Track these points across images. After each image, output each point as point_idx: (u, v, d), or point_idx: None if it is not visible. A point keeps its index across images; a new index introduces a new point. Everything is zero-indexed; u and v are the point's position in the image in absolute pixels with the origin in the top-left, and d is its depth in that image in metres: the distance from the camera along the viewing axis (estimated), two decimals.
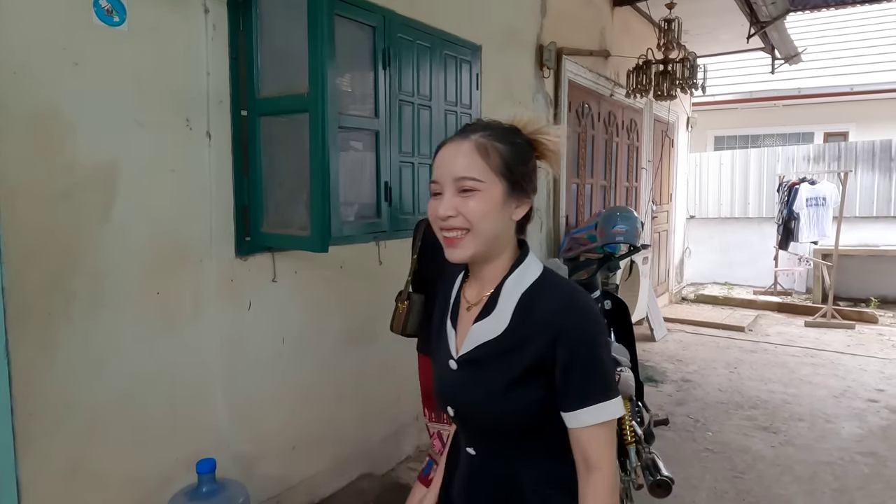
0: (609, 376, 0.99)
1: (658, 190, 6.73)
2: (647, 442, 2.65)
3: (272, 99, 2.12)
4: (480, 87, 3.53)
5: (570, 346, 0.95)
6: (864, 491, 2.86)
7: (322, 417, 2.63)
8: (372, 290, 2.86)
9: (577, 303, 0.99)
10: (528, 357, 0.98)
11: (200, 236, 2.09)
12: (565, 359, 0.96)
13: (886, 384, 4.44)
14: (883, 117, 8.97)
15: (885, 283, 7.42)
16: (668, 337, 5.88)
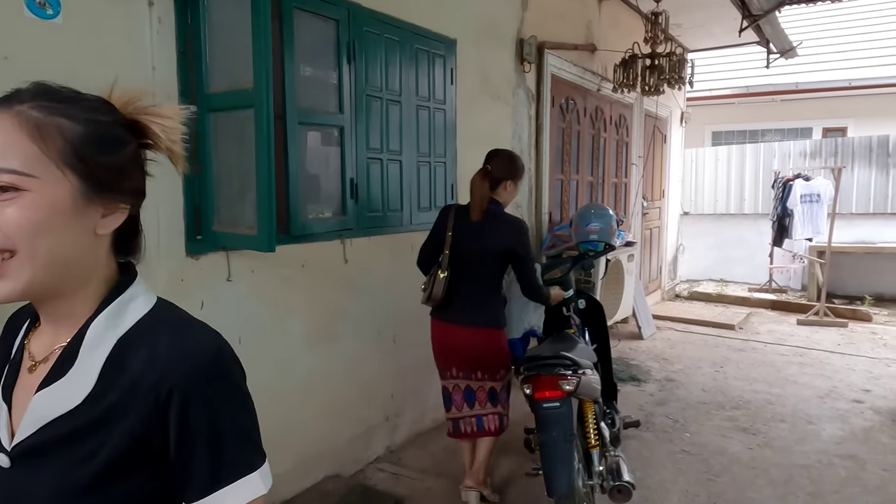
0: (252, 437, 0.73)
1: (649, 186, 6.65)
2: (614, 445, 2.61)
3: (221, 94, 2.07)
4: (455, 82, 3.47)
5: (185, 408, 0.67)
6: (840, 495, 2.80)
7: (283, 418, 2.59)
8: (337, 289, 2.82)
9: (196, 344, 0.71)
10: (124, 435, 0.66)
11: (148, 235, 2.02)
12: (181, 426, 0.67)
13: (873, 384, 4.37)
14: (882, 112, 8.85)
15: (881, 280, 7.34)
16: (657, 335, 5.82)
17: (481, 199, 2.49)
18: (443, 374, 2.68)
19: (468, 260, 2.51)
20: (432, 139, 3.33)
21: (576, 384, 2.17)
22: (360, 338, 2.97)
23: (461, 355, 2.56)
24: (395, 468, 3.05)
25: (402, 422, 3.30)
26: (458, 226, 2.52)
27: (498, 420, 2.62)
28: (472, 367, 2.57)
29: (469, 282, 2.51)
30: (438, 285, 2.43)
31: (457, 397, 2.63)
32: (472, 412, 2.61)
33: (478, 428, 2.61)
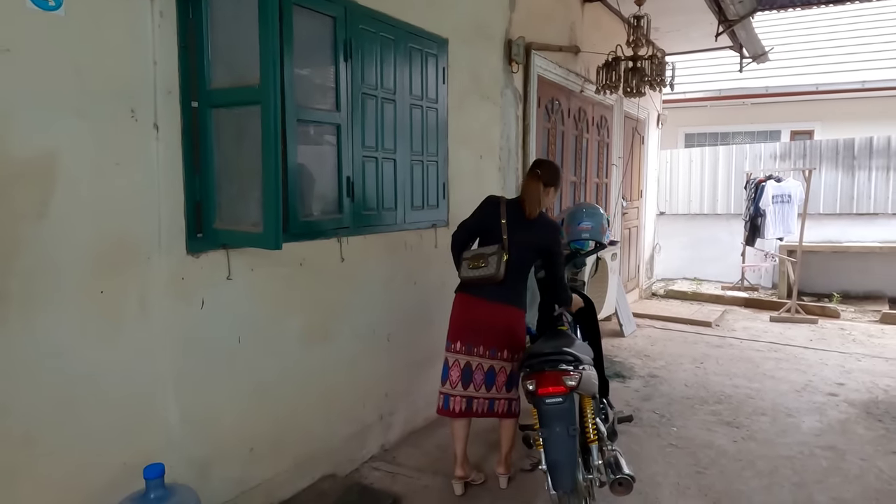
0: None
1: (628, 186, 6.77)
2: (611, 439, 2.65)
3: (224, 90, 2.04)
4: (447, 82, 3.49)
5: None
6: (823, 484, 2.90)
7: (281, 418, 2.57)
8: (333, 287, 2.81)
9: None
10: None
11: (148, 233, 2.00)
12: None
13: (846, 378, 4.53)
14: (847, 116, 9.17)
15: (847, 278, 7.60)
16: (638, 332, 5.93)
17: (538, 199, 2.75)
18: (451, 348, 2.75)
19: (514, 248, 2.69)
20: (425, 138, 3.33)
21: (578, 380, 2.20)
22: (355, 337, 2.96)
23: (493, 328, 2.69)
24: (391, 467, 3.04)
25: (396, 420, 3.30)
26: (511, 217, 2.73)
27: (508, 404, 2.75)
28: (500, 345, 2.70)
29: (512, 266, 2.68)
30: (502, 265, 2.62)
31: (454, 374, 2.72)
32: (488, 393, 2.72)
33: (489, 409, 2.73)
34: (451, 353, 2.75)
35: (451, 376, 2.73)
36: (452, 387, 2.73)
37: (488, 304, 2.68)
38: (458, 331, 2.74)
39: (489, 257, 2.63)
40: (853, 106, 9.09)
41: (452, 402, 2.73)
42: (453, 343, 2.75)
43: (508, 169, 4.25)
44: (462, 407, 2.72)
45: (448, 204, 3.56)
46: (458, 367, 2.72)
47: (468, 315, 2.72)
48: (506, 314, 2.71)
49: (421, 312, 3.41)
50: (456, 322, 2.76)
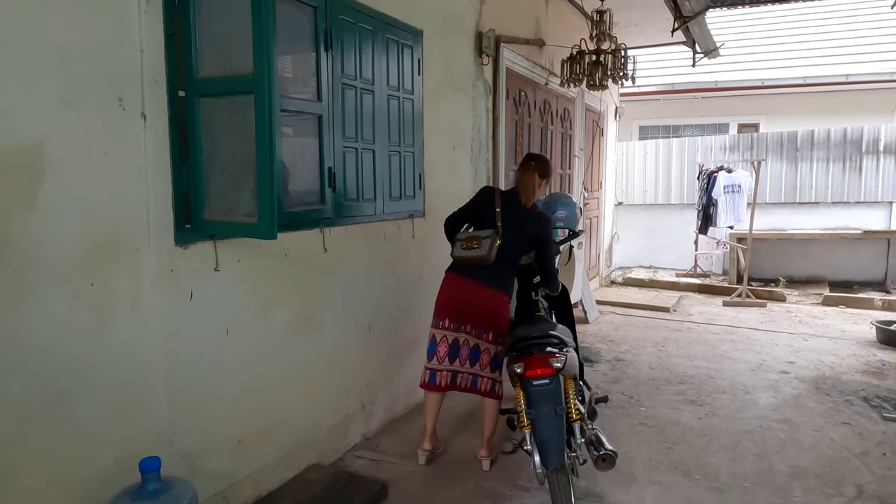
0: None
1: (589, 177, 6.95)
2: (591, 419, 2.77)
3: (212, 79, 2.02)
4: (422, 73, 3.52)
5: None
6: (781, 455, 3.10)
7: (268, 409, 2.57)
8: (317, 278, 2.81)
9: None
10: None
11: (137, 224, 1.97)
12: None
13: (796, 357, 4.82)
14: (789, 110, 9.66)
15: (792, 264, 8.04)
16: (601, 319, 6.12)
17: (533, 189, 2.88)
18: (439, 325, 2.85)
19: (507, 236, 2.79)
20: (402, 129, 3.36)
21: (564, 361, 2.29)
22: (338, 327, 2.97)
23: (480, 310, 2.79)
24: (374, 454, 3.08)
25: (377, 409, 3.33)
26: (505, 207, 2.82)
27: (491, 384, 2.85)
28: (486, 326, 2.80)
29: (503, 251, 2.76)
30: (494, 249, 2.71)
31: (441, 349, 2.83)
32: (471, 369, 2.83)
33: (472, 385, 2.85)
34: (438, 330, 2.86)
35: (439, 352, 2.85)
36: (440, 362, 2.85)
37: (478, 285, 2.78)
38: (447, 309, 2.84)
39: (483, 240, 2.72)
40: (796, 100, 9.58)
41: (439, 376, 2.85)
42: (441, 320, 2.85)
43: (479, 160, 4.32)
44: (447, 381, 2.85)
45: (424, 194, 3.60)
46: (445, 343, 2.84)
47: (458, 295, 2.81)
48: (493, 297, 2.79)
49: (400, 302, 3.45)
50: (445, 300, 2.85)
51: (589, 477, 2.80)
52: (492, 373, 2.85)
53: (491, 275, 2.78)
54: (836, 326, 5.86)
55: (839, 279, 7.84)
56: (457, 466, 2.96)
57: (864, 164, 7.97)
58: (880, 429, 3.42)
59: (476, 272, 2.77)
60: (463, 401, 3.64)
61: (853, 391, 4.01)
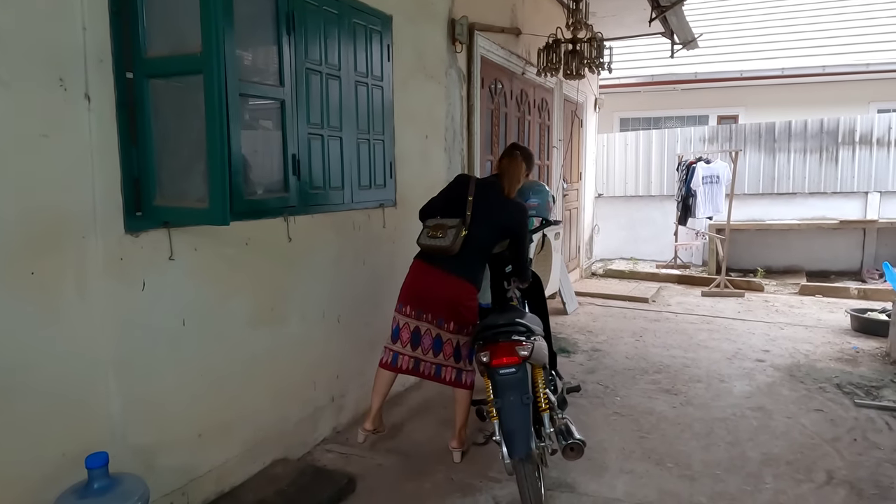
0: None
1: (568, 168, 6.93)
2: (561, 408, 2.73)
3: (161, 59, 1.94)
4: (392, 59, 3.45)
5: None
6: (754, 442, 3.10)
7: (230, 402, 2.50)
8: (281, 268, 2.74)
9: None
10: None
11: (82, 210, 1.89)
12: None
13: (771, 345, 4.84)
14: (768, 102, 9.71)
15: (770, 254, 8.09)
16: (580, 310, 6.11)
17: (518, 178, 2.85)
18: (402, 311, 2.81)
19: (478, 226, 2.74)
20: (371, 116, 3.29)
21: (531, 350, 2.25)
22: (305, 318, 2.90)
23: (441, 299, 2.73)
24: (344, 448, 3.02)
25: (347, 402, 3.27)
26: (479, 195, 2.76)
27: (456, 373, 2.80)
28: (447, 316, 2.74)
29: (471, 243, 2.72)
30: (458, 240, 2.66)
31: (404, 335, 2.80)
32: (434, 359, 2.79)
33: (436, 374, 2.81)
34: (401, 316, 2.82)
35: (402, 337, 2.81)
36: (403, 346, 2.81)
37: (441, 274, 2.73)
38: (410, 297, 2.80)
39: (448, 229, 2.67)
40: (774, 92, 9.64)
41: (401, 359, 2.82)
42: (404, 306, 2.81)
43: (454, 149, 4.26)
44: (410, 366, 2.82)
45: (395, 184, 3.54)
46: (407, 329, 2.80)
47: (421, 283, 2.77)
48: (456, 287, 2.73)
49: (371, 292, 3.38)
50: (408, 288, 2.81)
51: (561, 467, 2.77)
52: (456, 363, 2.80)
53: (457, 264, 2.72)
54: (813, 315, 5.90)
55: (816, 269, 7.91)
56: (428, 459, 2.91)
57: (841, 155, 8.04)
58: (852, 415, 3.43)
59: (441, 261, 2.72)
60: (435, 392, 3.60)
61: (827, 378, 4.03)
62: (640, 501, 2.54)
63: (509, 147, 3.03)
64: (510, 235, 2.87)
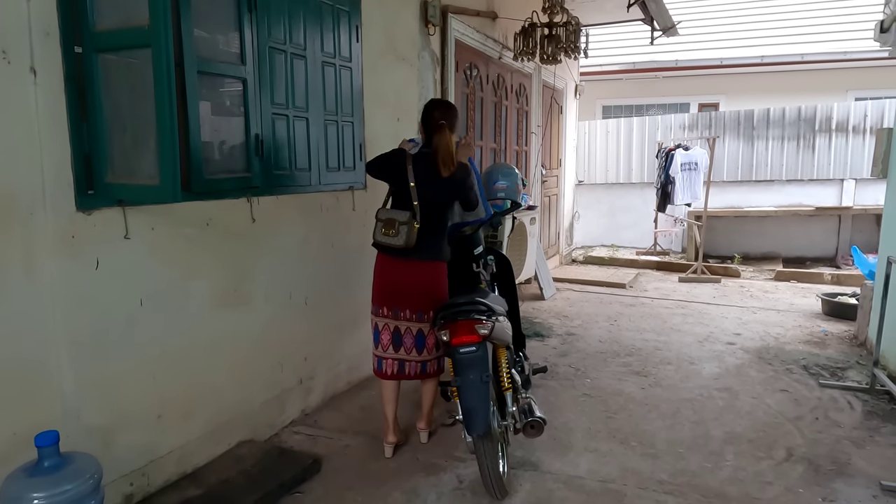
0: None
1: (547, 155, 6.93)
2: (525, 388, 2.75)
3: (110, 32, 1.90)
4: (361, 40, 3.41)
5: None
6: (718, 421, 3.14)
7: (192, 384, 2.48)
8: (245, 249, 2.72)
9: None
10: None
11: (30, 186, 1.85)
12: None
13: (743, 329, 4.90)
14: (748, 89, 9.77)
15: (747, 241, 8.18)
16: (557, 295, 6.14)
17: (451, 154, 2.64)
18: (378, 312, 2.72)
19: (428, 207, 2.65)
20: (339, 98, 3.25)
21: (490, 328, 2.26)
22: (270, 300, 2.89)
23: (416, 292, 2.66)
24: (311, 430, 3.03)
25: (316, 385, 3.27)
26: (420, 178, 2.64)
27: (438, 363, 2.78)
28: (425, 307, 2.66)
29: (426, 224, 2.65)
30: (413, 236, 2.58)
31: (384, 337, 2.71)
32: (419, 357, 2.72)
33: (421, 371, 2.75)
34: (379, 318, 2.73)
35: (382, 340, 2.72)
36: (384, 350, 2.72)
37: (410, 263, 2.66)
38: (383, 295, 2.71)
39: (400, 226, 2.59)
40: (754, 80, 9.69)
41: (385, 364, 2.73)
42: (380, 307, 2.72)
43: None
44: (395, 370, 2.72)
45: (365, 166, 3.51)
46: (387, 331, 2.71)
47: (391, 278, 2.68)
48: (427, 272, 2.69)
49: (340, 276, 3.37)
50: (379, 286, 2.72)
51: (526, 447, 2.80)
52: (438, 352, 2.75)
53: (419, 250, 2.63)
54: (786, 300, 5.98)
55: (793, 255, 8.00)
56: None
57: (818, 143, 8.11)
58: (816, 395, 3.48)
59: (405, 251, 2.63)
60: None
61: (794, 360, 4.09)
62: (602, 479, 2.57)
63: (430, 108, 2.77)
64: (459, 195, 2.73)
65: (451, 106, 2.83)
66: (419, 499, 2.42)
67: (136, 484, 2.26)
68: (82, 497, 1.74)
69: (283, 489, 2.45)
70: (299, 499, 2.43)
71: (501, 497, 2.36)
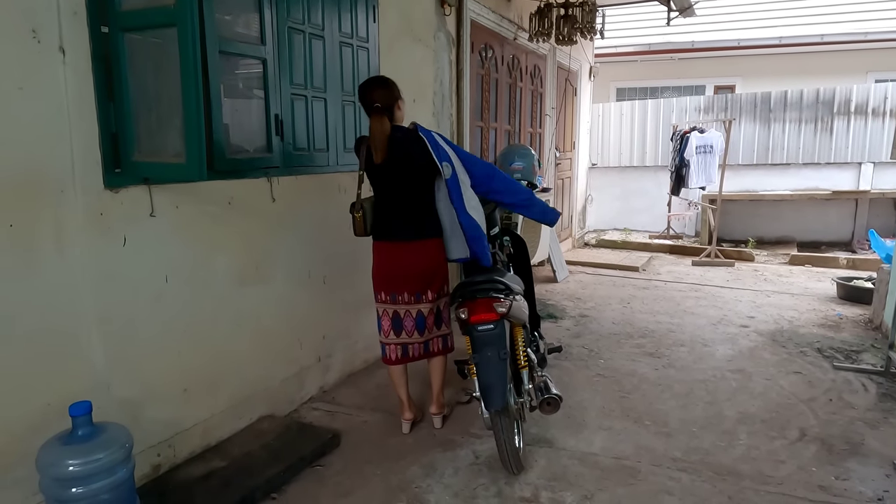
0: None
1: (561, 137, 6.90)
2: (541, 366, 2.79)
3: (136, 12, 1.93)
4: (378, 21, 3.41)
5: None
6: (731, 401, 3.17)
7: (215, 359, 2.54)
8: (265, 228, 2.76)
9: None
10: None
11: (60, 165, 1.90)
12: None
13: (757, 312, 4.90)
14: (765, 72, 9.63)
15: (762, 225, 8.12)
16: (570, 278, 6.16)
17: (382, 142, 2.49)
18: (378, 298, 2.72)
19: (392, 187, 2.60)
20: (356, 78, 3.26)
21: (508, 307, 2.28)
22: (290, 278, 2.94)
23: (414, 271, 2.62)
24: (330, 406, 3.09)
25: (334, 362, 3.33)
26: (370, 164, 2.59)
27: (442, 342, 2.78)
28: (423, 287, 2.64)
29: (401, 204, 2.61)
30: (358, 225, 2.61)
31: (385, 323, 2.71)
32: (421, 337, 2.72)
33: (424, 351, 2.76)
34: (379, 304, 2.73)
35: (384, 326, 2.72)
36: (386, 336, 2.73)
37: (401, 245, 2.62)
38: (380, 281, 2.69)
39: (352, 217, 2.62)
40: (771, 62, 9.54)
41: (388, 350, 2.74)
42: (378, 293, 2.71)
43: (442, 114, 4.24)
44: (398, 354, 2.73)
45: None
46: (387, 317, 2.70)
47: (386, 264, 2.66)
48: (421, 251, 2.62)
49: (359, 256, 3.40)
50: (377, 273, 2.70)
51: (541, 424, 2.84)
52: (439, 330, 2.76)
53: (405, 228, 2.59)
54: (800, 284, 5.95)
55: (808, 240, 7.94)
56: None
57: (836, 125, 8.00)
58: (830, 377, 3.49)
59: (393, 232, 2.60)
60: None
61: (808, 343, 4.09)
62: (617, 456, 2.60)
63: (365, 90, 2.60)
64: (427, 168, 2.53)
65: (377, 82, 2.65)
66: (436, 473, 2.47)
67: (164, 455, 2.33)
68: (114, 465, 1.81)
69: (304, 462, 2.51)
70: (319, 472, 2.49)
71: (517, 472, 2.40)
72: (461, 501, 2.28)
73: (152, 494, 2.17)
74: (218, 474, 2.34)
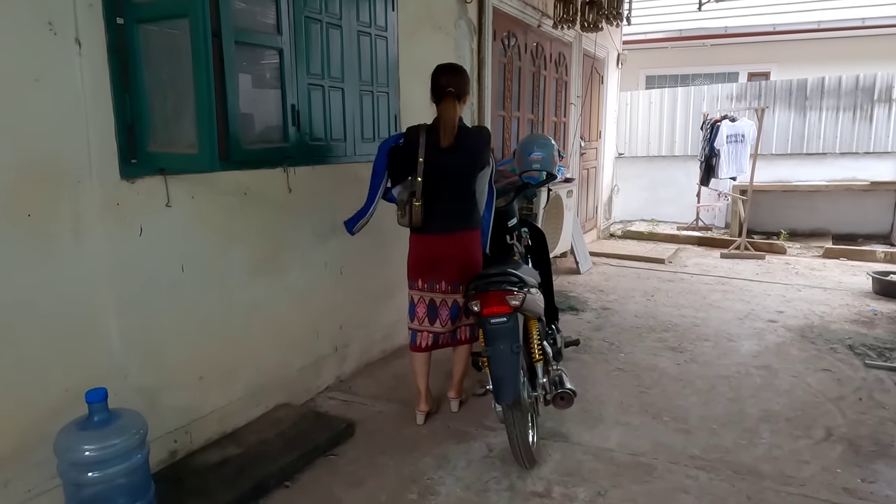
0: None
1: (586, 126, 6.78)
2: (556, 360, 2.75)
3: (150, 3, 1.94)
4: (397, 9, 3.37)
5: None
6: (755, 399, 3.08)
7: (232, 348, 2.57)
8: (281, 218, 2.77)
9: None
10: None
11: (76, 155, 1.93)
12: None
13: (786, 306, 4.76)
14: (801, 58, 9.29)
15: (795, 216, 7.88)
16: (593, 270, 6.07)
17: (453, 126, 2.58)
18: (414, 286, 2.74)
19: (446, 178, 2.62)
20: (374, 68, 3.24)
21: (522, 300, 2.25)
22: (306, 269, 2.95)
23: (451, 263, 2.66)
24: (346, 396, 3.11)
25: (351, 352, 3.34)
26: (431, 151, 2.58)
27: (470, 331, 2.81)
28: (461, 278, 2.65)
29: (450, 197, 2.65)
30: (417, 213, 2.56)
31: (420, 310, 2.73)
32: (453, 326, 2.76)
33: (452, 340, 2.81)
34: (414, 291, 2.76)
35: (418, 313, 2.75)
36: (420, 323, 2.75)
37: (442, 237, 2.66)
38: (418, 269, 2.72)
39: (405, 207, 2.58)
40: (808, 47, 9.21)
41: (419, 337, 2.76)
42: (415, 281, 2.74)
43: None
44: (429, 342, 2.76)
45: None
46: (423, 304, 2.73)
47: (426, 254, 2.68)
48: (461, 243, 2.67)
49: (375, 247, 3.41)
50: (414, 261, 2.73)
51: (556, 418, 2.81)
52: (467, 319, 2.78)
53: (451, 221, 2.64)
54: (834, 278, 5.76)
55: (843, 232, 7.68)
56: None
57: (876, 113, 7.69)
58: (860, 375, 3.37)
59: (436, 226, 2.62)
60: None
61: (839, 339, 3.96)
62: (633, 452, 2.56)
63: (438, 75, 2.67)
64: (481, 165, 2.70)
65: (456, 69, 2.70)
66: (449, 465, 2.47)
67: (180, 441, 2.37)
68: (129, 450, 1.85)
69: (318, 451, 2.53)
70: (334, 461, 2.51)
71: (530, 466, 2.38)
72: (472, 494, 2.27)
73: (168, 479, 2.21)
74: (233, 461, 2.38)
